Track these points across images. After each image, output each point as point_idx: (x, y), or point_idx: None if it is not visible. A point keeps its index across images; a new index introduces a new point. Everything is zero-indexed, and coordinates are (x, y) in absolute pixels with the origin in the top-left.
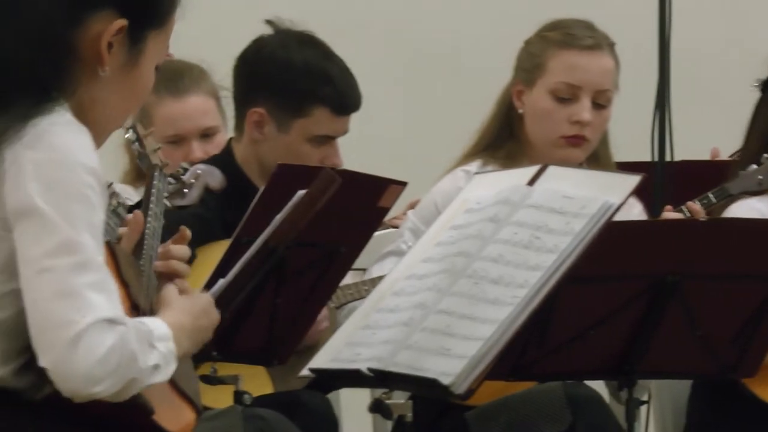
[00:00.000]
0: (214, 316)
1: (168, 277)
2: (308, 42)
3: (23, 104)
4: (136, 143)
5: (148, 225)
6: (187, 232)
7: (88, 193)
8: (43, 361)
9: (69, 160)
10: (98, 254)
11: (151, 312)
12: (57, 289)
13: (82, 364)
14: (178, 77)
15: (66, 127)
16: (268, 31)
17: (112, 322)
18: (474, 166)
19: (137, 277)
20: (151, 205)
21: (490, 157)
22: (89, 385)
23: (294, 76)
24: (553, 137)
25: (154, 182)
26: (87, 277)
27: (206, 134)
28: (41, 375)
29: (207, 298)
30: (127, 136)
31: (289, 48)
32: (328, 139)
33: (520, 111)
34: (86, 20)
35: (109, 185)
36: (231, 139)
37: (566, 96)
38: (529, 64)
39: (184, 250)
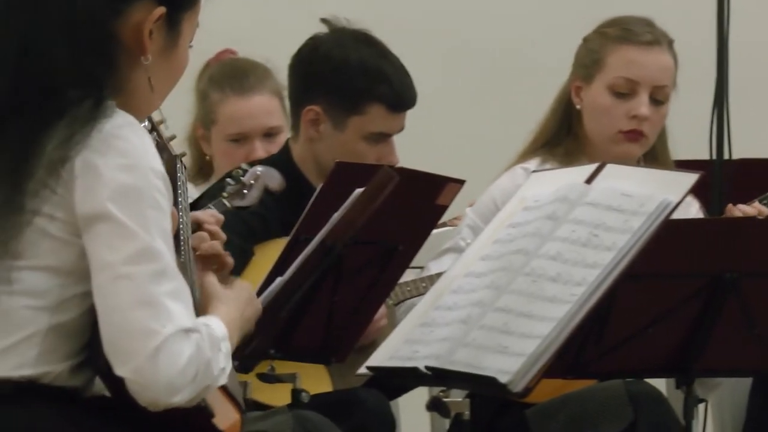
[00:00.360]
0: (258, 305)
1: (206, 263)
2: (364, 40)
3: (82, 106)
4: (154, 133)
5: (180, 219)
6: (220, 216)
7: (158, 197)
8: (121, 371)
9: (139, 165)
10: (173, 260)
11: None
12: (137, 298)
13: (163, 375)
14: (244, 76)
15: (130, 129)
16: (323, 29)
17: (189, 331)
18: (533, 163)
19: (181, 272)
20: (180, 199)
21: (549, 154)
22: (169, 395)
23: (350, 74)
24: (611, 132)
25: (178, 174)
26: (165, 286)
27: (269, 134)
28: (92, 375)
29: (248, 287)
30: (143, 124)
31: (345, 46)
32: (384, 137)
33: (579, 107)
34: (127, 11)
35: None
36: (288, 139)
37: (624, 91)
38: (588, 60)
39: (221, 234)
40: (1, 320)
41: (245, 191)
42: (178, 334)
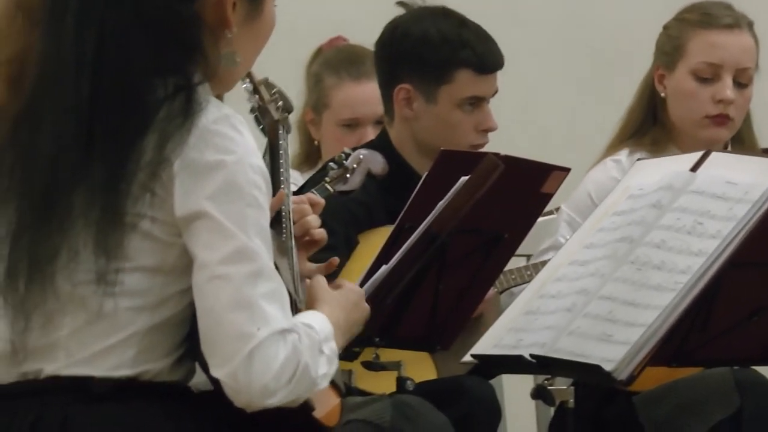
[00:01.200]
0: (365, 308)
1: (307, 247)
2: (440, 13)
3: (174, 102)
4: (255, 96)
5: (283, 191)
6: (320, 200)
7: (257, 194)
8: (217, 372)
9: (237, 161)
10: (270, 260)
11: (301, 302)
12: (233, 299)
13: (257, 378)
14: (360, 62)
15: (227, 123)
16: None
17: (285, 332)
18: (622, 154)
19: (283, 256)
20: (281, 170)
21: (636, 144)
22: (264, 398)
23: (431, 46)
24: (697, 118)
25: (280, 141)
26: (262, 287)
27: (380, 121)
28: (190, 369)
29: (358, 291)
30: (244, 86)
31: (423, 21)
32: (477, 102)
33: (663, 95)
34: None
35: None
36: (383, 126)
37: (708, 76)
38: (669, 47)
39: (317, 219)
40: (103, 322)
41: (348, 175)
42: (274, 336)
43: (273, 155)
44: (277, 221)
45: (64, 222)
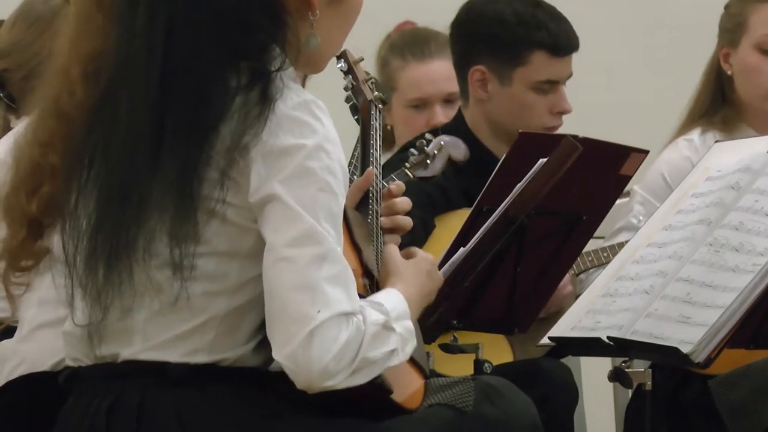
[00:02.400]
0: (438, 277)
1: (392, 232)
2: None
3: (253, 89)
4: (349, 75)
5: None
6: (402, 185)
7: (330, 179)
8: (278, 354)
9: (314, 147)
10: (338, 244)
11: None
12: (295, 281)
13: (316, 360)
14: (424, 42)
15: (305, 109)
16: None
17: (348, 315)
18: (694, 134)
19: (368, 238)
20: (372, 150)
21: (707, 124)
22: (323, 380)
23: (506, 27)
24: (763, 91)
25: (372, 122)
26: (326, 270)
27: (449, 99)
28: (270, 355)
29: (429, 259)
30: (338, 65)
31: (498, 1)
32: (552, 85)
33: (729, 73)
34: None
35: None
36: (459, 107)
37: None
38: (732, 24)
39: (406, 202)
40: (179, 307)
41: (428, 161)
42: (335, 318)
43: (364, 134)
44: (364, 202)
45: (140, 213)
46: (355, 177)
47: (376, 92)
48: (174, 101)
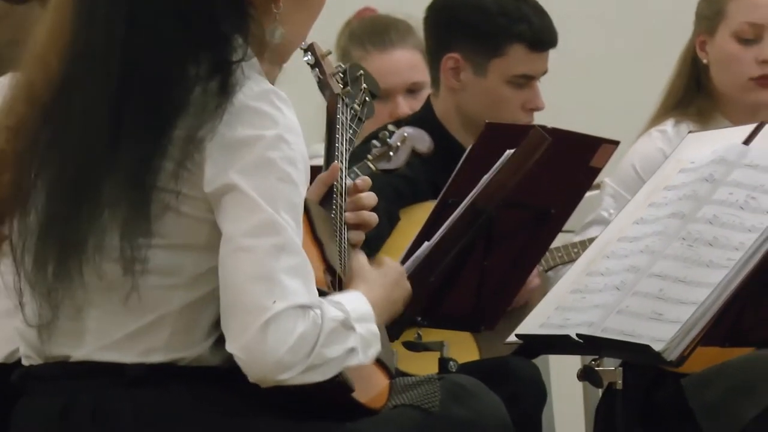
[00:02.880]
0: (406, 287)
1: (357, 227)
2: None
3: (211, 81)
4: (315, 69)
5: (339, 165)
6: (368, 180)
7: (290, 170)
8: (231, 346)
9: (274, 137)
10: (297, 236)
11: (341, 281)
12: (252, 271)
13: (270, 352)
14: (384, 32)
15: (265, 99)
16: None
17: (305, 307)
18: (668, 125)
19: (331, 234)
20: (337, 144)
21: (681, 114)
22: (277, 372)
23: (487, 16)
24: (741, 81)
25: (338, 115)
26: (284, 261)
27: (412, 89)
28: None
29: (398, 269)
30: (305, 59)
31: None
32: (527, 80)
33: (705, 62)
34: None
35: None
36: (429, 96)
37: (750, 37)
38: (709, 12)
39: (372, 197)
40: (132, 303)
41: (392, 153)
42: (291, 310)
43: (330, 129)
44: (328, 197)
45: (92, 211)
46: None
47: (364, 84)
48: (132, 93)
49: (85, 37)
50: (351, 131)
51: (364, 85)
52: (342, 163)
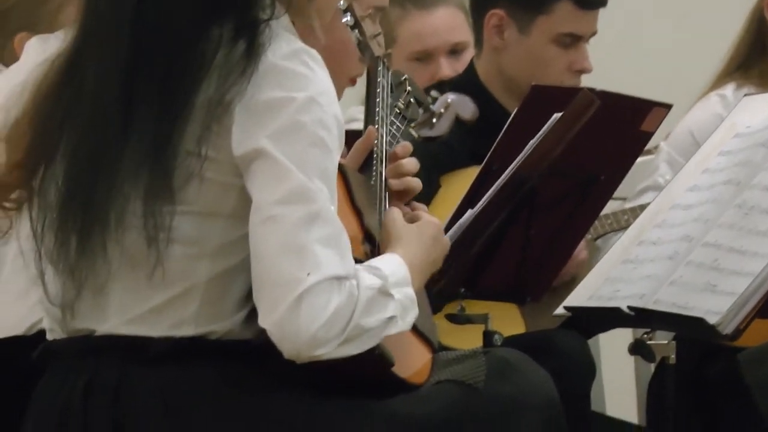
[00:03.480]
0: (445, 243)
1: (400, 195)
2: None
3: (237, 44)
4: (355, 30)
5: (377, 133)
6: (409, 146)
7: (323, 134)
8: (264, 321)
9: (306, 100)
10: (331, 203)
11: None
12: (284, 243)
13: (304, 327)
14: None
15: (296, 59)
16: None
17: (340, 279)
18: (728, 89)
19: (370, 202)
20: (378, 110)
21: (743, 78)
22: (311, 348)
23: None
24: None
25: (378, 79)
26: (317, 231)
27: (455, 50)
28: None
29: (436, 224)
30: (344, 20)
31: None
32: (574, 40)
33: None
34: None
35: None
36: (472, 58)
37: None
38: None
39: (414, 163)
40: (157, 274)
41: (434, 120)
42: (326, 282)
43: (369, 92)
44: (368, 164)
45: (113, 181)
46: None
47: (409, 88)
48: (149, 58)
49: (95, 6)
50: (394, 127)
51: (409, 88)
52: (383, 128)
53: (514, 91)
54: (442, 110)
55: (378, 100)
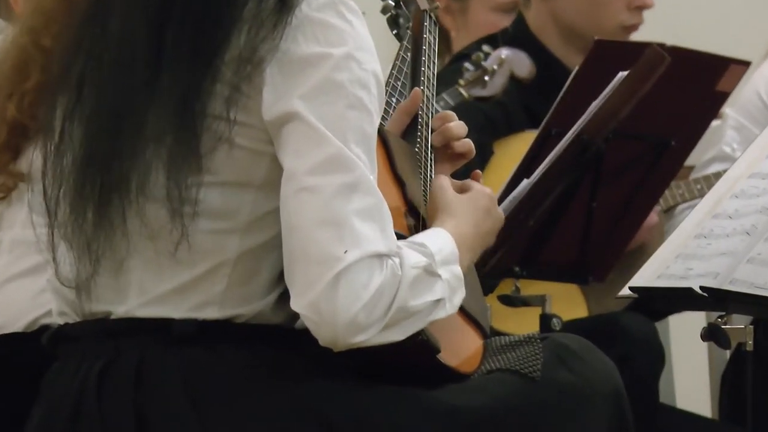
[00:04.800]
0: (498, 216)
1: (449, 163)
2: None
3: None
4: None
5: (424, 94)
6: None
7: (362, 94)
8: (297, 303)
9: (343, 56)
10: (371, 172)
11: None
12: (319, 215)
13: (342, 310)
14: None
15: (333, 10)
16: None
17: (381, 256)
18: None
19: (414, 171)
20: (423, 69)
21: None
22: (350, 334)
23: None
24: None
25: (424, 34)
26: (356, 202)
27: None
28: None
29: (488, 194)
30: None
31: None
32: None
33: None
34: None
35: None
36: (519, 10)
37: None
38: None
39: (462, 127)
40: (183, 251)
41: (487, 78)
42: (366, 260)
43: (416, 50)
44: (412, 129)
45: (135, 145)
46: (393, 101)
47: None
48: (176, 12)
49: None
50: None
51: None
52: (429, 90)
53: (572, 42)
54: (496, 67)
55: (424, 58)
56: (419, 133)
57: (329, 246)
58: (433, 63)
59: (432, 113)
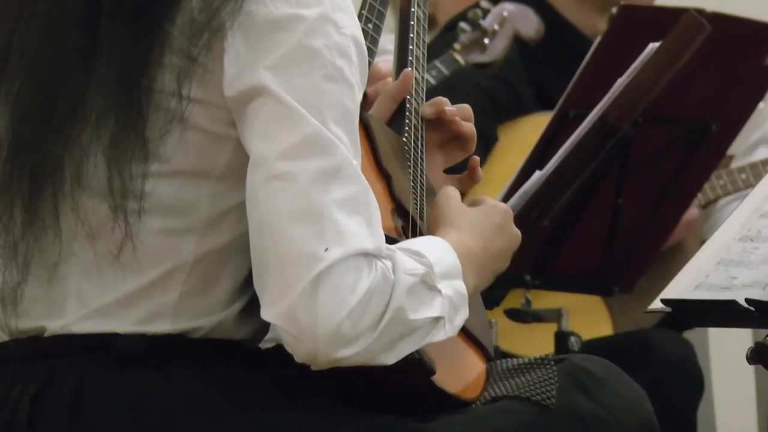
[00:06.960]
0: (515, 234)
1: (446, 153)
2: None
3: None
4: None
5: (415, 76)
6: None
7: (341, 63)
8: (268, 312)
9: (318, 18)
10: (354, 155)
11: (421, 226)
12: (294, 208)
13: (324, 318)
14: None
15: None
16: None
17: (369, 256)
18: None
19: (402, 164)
20: (411, 47)
21: None
22: (333, 347)
23: None
24: None
25: (413, 9)
26: (337, 191)
27: None
28: (264, 323)
29: (504, 210)
30: None
31: None
32: None
33: None
34: None
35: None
36: None
37: None
38: None
39: (467, 110)
40: (127, 255)
41: (486, 40)
42: (351, 259)
43: (403, 25)
44: (399, 116)
45: (69, 128)
46: None
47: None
48: None
49: None
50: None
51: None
52: (418, 72)
53: (587, 3)
54: (496, 26)
55: (412, 35)
56: (407, 121)
57: (307, 243)
58: (423, 41)
59: (423, 99)
